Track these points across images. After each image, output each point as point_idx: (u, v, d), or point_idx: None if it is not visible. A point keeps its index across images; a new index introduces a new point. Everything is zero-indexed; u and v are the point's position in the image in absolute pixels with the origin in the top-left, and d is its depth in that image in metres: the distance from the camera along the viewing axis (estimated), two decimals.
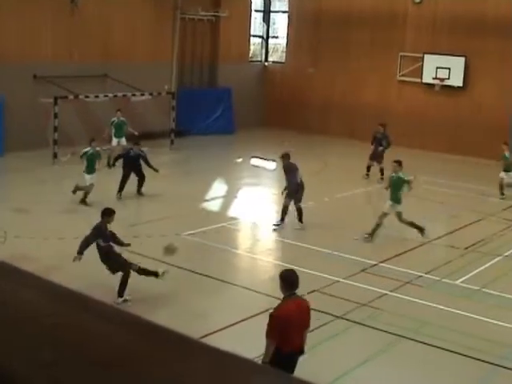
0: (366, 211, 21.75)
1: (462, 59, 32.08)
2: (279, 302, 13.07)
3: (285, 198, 18.66)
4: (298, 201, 18.71)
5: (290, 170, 18.72)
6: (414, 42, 33.70)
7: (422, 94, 33.53)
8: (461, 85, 32.36)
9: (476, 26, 31.84)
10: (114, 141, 25.92)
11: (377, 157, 25.27)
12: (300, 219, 18.79)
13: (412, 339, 12.19)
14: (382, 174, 24.55)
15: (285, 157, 18.99)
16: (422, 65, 33.13)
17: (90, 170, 20.49)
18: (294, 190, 18.54)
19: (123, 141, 25.92)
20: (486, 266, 16.58)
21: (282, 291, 9.07)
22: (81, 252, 13.09)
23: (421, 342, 12.08)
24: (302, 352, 9.11)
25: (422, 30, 33.52)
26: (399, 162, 18.56)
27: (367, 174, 25.47)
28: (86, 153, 20.69)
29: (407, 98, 34.06)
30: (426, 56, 32.95)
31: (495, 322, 13.09)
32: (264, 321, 9.12)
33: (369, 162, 25.48)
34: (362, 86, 35.19)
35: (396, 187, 18.29)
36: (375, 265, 15.97)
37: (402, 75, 34.04)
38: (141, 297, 13.48)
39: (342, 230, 18.85)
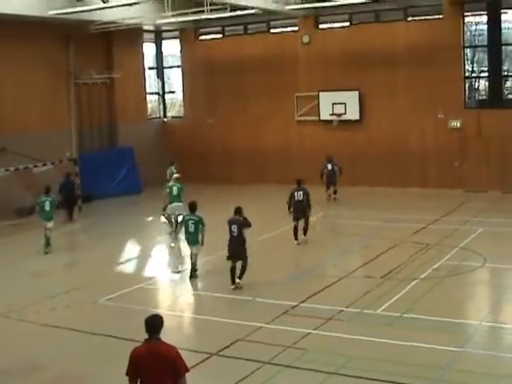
0: (283, 252, 21.92)
1: (356, 93, 32.90)
2: (207, 356, 13.10)
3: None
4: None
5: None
6: (307, 82, 34.42)
7: (321, 131, 34.16)
8: (358, 118, 33.13)
9: (365, 59, 32.78)
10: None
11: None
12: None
13: (343, 374, 12.22)
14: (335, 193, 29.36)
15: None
16: (318, 103, 33.80)
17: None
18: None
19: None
20: (404, 291, 16.86)
21: None
22: None
23: (352, 376, 12.11)
24: None
25: (314, 68, 34.29)
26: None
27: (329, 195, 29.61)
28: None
29: (307, 136, 34.63)
30: (321, 94, 33.66)
31: (421, 345, 13.24)
32: (190, 377, 8.99)
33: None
34: (262, 130, 35.70)
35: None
36: (296, 306, 16.01)
37: (300, 115, 34.65)
38: (68, 372, 13.15)
39: (259, 275, 18.85)
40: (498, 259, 19.69)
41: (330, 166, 29.59)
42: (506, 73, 32.00)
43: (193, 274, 19.13)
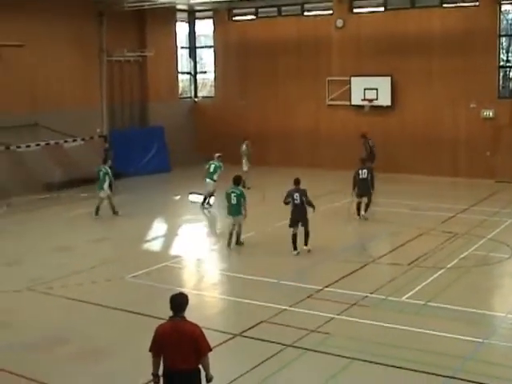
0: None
1: (389, 79, 32.67)
2: (230, 336, 13.17)
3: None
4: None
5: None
6: (340, 66, 34.24)
7: (352, 116, 33.99)
8: (389, 104, 32.92)
9: (399, 45, 32.54)
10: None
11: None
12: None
13: (365, 360, 12.21)
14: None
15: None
16: (350, 87, 33.62)
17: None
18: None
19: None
20: (430, 279, 16.78)
21: None
22: None
23: (374, 363, 12.10)
24: (184, 374, 8.95)
25: (346, 53, 34.09)
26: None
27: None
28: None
29: (338, 121, 34.48)
30: (352, 78, 33.47)
31: (444, 334, 13.21)
32: (213, 357, 9.04)
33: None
34: (294, 113, 35.57)
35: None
36: (320, 290, 16.01)
37: (332, 99, 34.49)
38: (92, 345, 13.28)
39: (285, 259, 18.89)
40: None
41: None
42: None
43: (238, 243, 20.26)
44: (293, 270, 17.91)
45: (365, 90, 33.21)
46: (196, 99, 39.56)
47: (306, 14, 35.69)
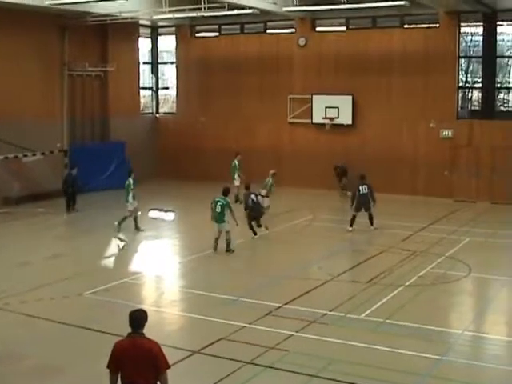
0: (268, 253, 21.97)
1: (350, 97, 32.94)
2: (189, 353, 13.10)
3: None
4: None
5: None
6: (302, 84, 34.47)
7: (313, 134, 34.20)
8: (350, 123, 33.17)
9: (360, 64, 32.87)
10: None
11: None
12: None
13: (324, 378, 12.21)
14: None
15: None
16: (312, 105, 33.82)
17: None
18: None
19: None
20: (389, 297, 16.89)
21: None
22: None
23: (333, 380, 12.11)
24: None
25: (308, 71, 34.34)
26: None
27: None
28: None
29: (299, 139, 34.66)
30: (314, 97, 33.68)
31: (403, 351, 13.27)
32: (171, 374, 8.99)
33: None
34: (255, 130, 35.70)
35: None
36: (280, 307, 16.02)
37: (293, 117, 34.66)
38: (49, 362, 13.12)
39: (244, 276, 18.89)
40: (484, 269, 19.78)
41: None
42: (499, 85, 32.14)
43: (228, 250, 21.51)
44: (252, 287, 17.89)
45: (326, 108, 33.45)
46: (157, 115, 39.49)
47: (268, 31, 35.89)
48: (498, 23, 31.16)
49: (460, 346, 14.09)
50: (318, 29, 34.73)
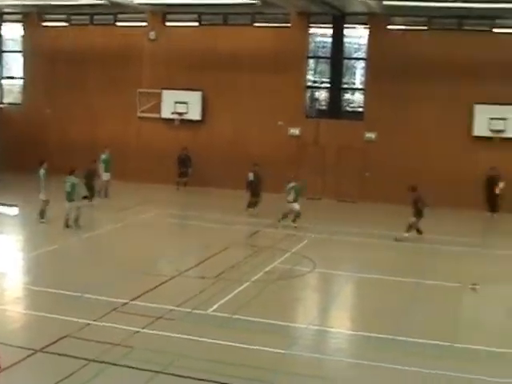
0: (115, 249, 21.64)
1: (199, 93, 32.98)
2: (31, 352, 12.66)
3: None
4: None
5: None
6: (151, 79, 34.15)
7: (163, 129, 33.98)
8: (199, 118, 33.21)
9: (211, 61, 32.94)
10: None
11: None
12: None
13: (169, 373, 12.13)
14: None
15: None
16: (161, 100, 33.61)
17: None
18: None
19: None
20: (235, 292, 17.01)
21: None
22: None
23: (178, 376, 12.05)
24: None
25: (159, 66, 34.07)
26: None
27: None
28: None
29: (148, 134, 34.35)
30: (164, 91, 33.47)
31: (249, 346, 13.38)
32: (12, 374, 8.65)
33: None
34: (103, 124, 35.03)
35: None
36: (126, 303, 15.77)
37: (142, 112, 34.29)
38: None
39: (89, 271, 18.51)
40: (328, 265, 20.30)
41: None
42: (345, 85, 33.06)
43: (76, 225, 23.28)
44: (98, 283, 17.51)
45: (175, 103, 33.33)
46: (1, 105, 38.03)
47: (119, 24, 35.30)
48: (346, 26, 32.06)
49: (305, 340, 14.36)
50: (169, 23, 34.51)
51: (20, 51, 37.63)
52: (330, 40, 32.42)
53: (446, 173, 30.18)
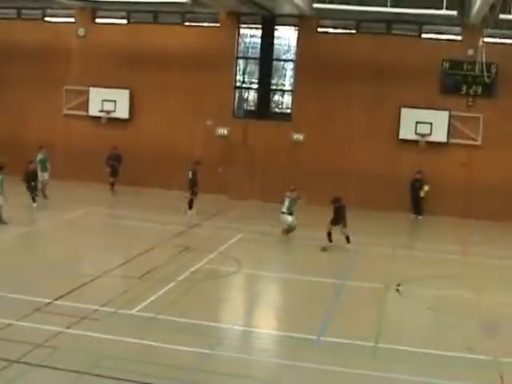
0: (41, 249, 21.35)
1: (127, 92, 32.79)
2: None
3: None
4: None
5: None
6: (79, 76, 33.77)
7: (90, 127, 33.64)
8: (127, 117, 33.01)
9: (139, 59, 32.77)
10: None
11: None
12: None
13: (93, 374, 12.04)
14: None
15: None
16: (88, 98, 33.27)
17: None
18: None
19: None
20: (161, 292, 16.97)
21: None
22: None
23: (102, 376, 11.96)
24: None
25: (87, 63, 33.73)
26: None
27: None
28: None
29: (75, 132, 33.94)
30: (91, 89, 33.16)
31: (173, 346, 13.37)
32: None
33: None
34: (27, 122, 34.45)
35: None
36: (49, 303, 15.57)
37: (69, 109, 33.88)
38: None
39: (13, 270, 18.22)
40: (254, 265, 20.47)
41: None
42: (274, 87, 33.29)
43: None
44: (21, 282, 17.23)
45: (103, 101, 33.06)
46: None
47: (47, 19, 34.80)
48: (276, 27, 32.31)
49: (229, 340, 14.45)
50: (98, 20, 34.21)
51: None
52: (259, 41, 32.65)
53: (372, 175, 30.70)
